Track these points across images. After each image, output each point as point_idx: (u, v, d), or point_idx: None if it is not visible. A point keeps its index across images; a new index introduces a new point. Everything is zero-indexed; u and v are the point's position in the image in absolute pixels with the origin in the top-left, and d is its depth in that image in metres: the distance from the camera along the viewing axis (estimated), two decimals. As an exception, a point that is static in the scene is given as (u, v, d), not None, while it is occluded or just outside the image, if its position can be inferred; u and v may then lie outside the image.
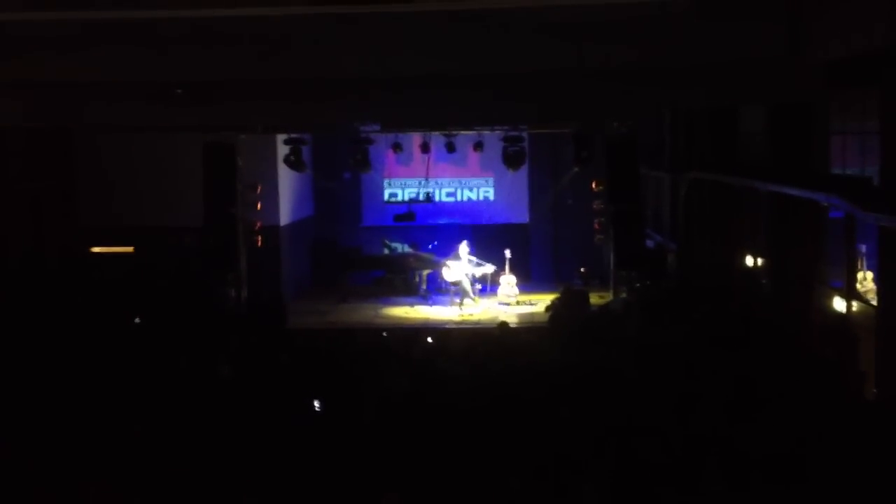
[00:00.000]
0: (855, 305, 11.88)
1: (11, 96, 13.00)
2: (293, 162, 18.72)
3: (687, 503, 7.24)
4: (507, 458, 7.92)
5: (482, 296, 19.84)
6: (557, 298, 18.14)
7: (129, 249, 19.50)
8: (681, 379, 10.01)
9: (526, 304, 19.72)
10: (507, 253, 19.89)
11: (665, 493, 7.27)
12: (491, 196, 23.00)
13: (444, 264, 19.63)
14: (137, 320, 15.26)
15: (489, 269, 19.63)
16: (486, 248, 20.43)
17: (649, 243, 19.37)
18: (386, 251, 22.17)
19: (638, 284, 18.49)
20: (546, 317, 17.64)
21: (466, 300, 19.35)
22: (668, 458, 7.72)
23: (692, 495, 7.26)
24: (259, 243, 18.90)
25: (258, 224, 18.87)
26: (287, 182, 20.39)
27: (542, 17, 10.97)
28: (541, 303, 19.20)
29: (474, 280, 19.69)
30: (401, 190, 22.91)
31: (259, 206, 18.78)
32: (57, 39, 11.57)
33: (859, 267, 12.37)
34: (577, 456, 7.83)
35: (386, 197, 23.01)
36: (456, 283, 19.47)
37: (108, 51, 11.78)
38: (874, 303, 11.29)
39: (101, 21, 10.78)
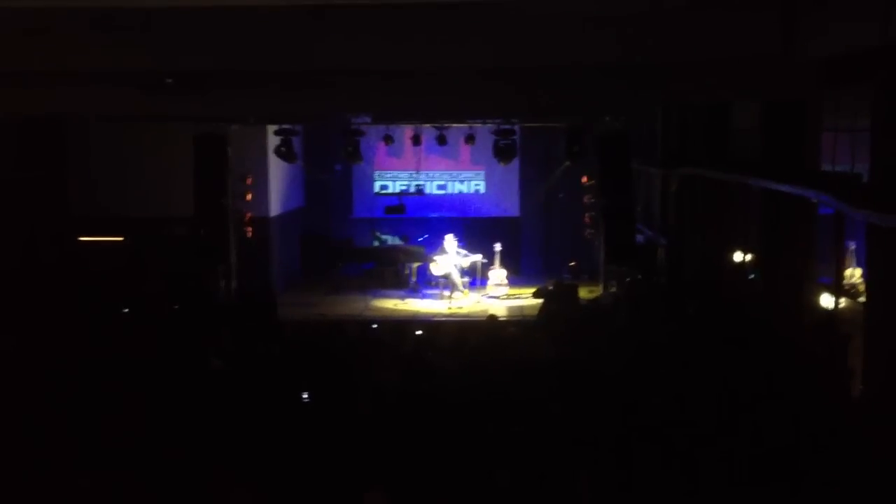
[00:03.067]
0: (843, 302, 11.93)
1: (0, 86, 12.92)
2: (284, 153, 18.66)
3: (680, 498, 7.27)
4: (497, 452, 7.93)
5: (472, 289, 19.86)
6: (547, 291, 18.18)
7: (119, 239, 19.45)
8: (671, 374, 10.04)
9: (515, 297, 19.74)
10: (498, 246, 19.90)
11: (658, 488, 7.29)
12: (482, 189, 22.98)
13: (432, 259, 19.64)
14: (126, 311, 15.23)
15: (477, 257, 19.65)
16: (476, 241, 20.44)
17: (640, 238, 19.40)
18: (376, 243, 22.13)
19: (628, 279, 18.51)
20: (535, 309, 17.67)
21: (456, 293, 19.36)
22: (660, 452, 7.74)
23: (685, 490, 7.28)
24: (249, 234, 18.87)
25: (248, 215, 18.84)
26: (278, 173, 20.34)
27: (534, 11, 10.95)
28: (530, 297, 19.22)
29: (464, 272, 19.71)
30: (392, 182, 22.88)
31: (249, 197, 18.74)
32: (46, 28, 11.51)
33: (848, 264, 12.41)
34: (568, 450, 7.85)
35: (377, 189, 22.98)
36: (445, 277, 19.49)
37: (98, 40, 11.72)
38: (862, 300, 11.33)
39: (92, 9, 10.73)
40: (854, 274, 12.58)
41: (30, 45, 11.79)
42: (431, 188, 22.68)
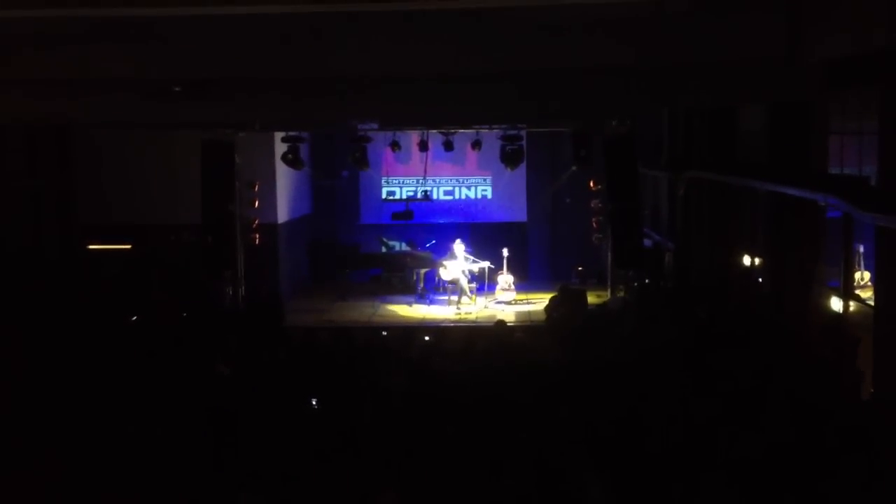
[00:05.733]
0: (852, 305, 11.89)
1: (8, 94, 12.96)
2: (291, 160, 18.72)
3: (687, 500, 7.25)
4: (505, 456, 7.92)
5: (479, 294, 19.85)
6: (555, 298, 18.16)
7: (127, 247, 19.48)
8: (679, 377, 10.02)
9: (523, 302, 19.73)
10: (505, 252, 19.91)
11: (665, 492, 7.28)
12: (489, 195, 23.01)
13: (441, 264, 19.65)
14: (134, 318, 15.25)
15: (485, 265, 19.66)
16: (483, 246, 20.44)
17: (647, 242, 19.38)
18: (384, 249, 22.18)
19: (636, 284, 18.50)
20: (543, 314, 17.65)
21: (464, 299, 19.36)
22: (667, 456, 7.73)
23: (692, 493, 7.27)
24: (257, 241, 18.91)
25: (256, 222, 18.89)
26: (285, 180, 20.39)
27: (541, 16, 10.95)
28: (538, 302, 19.19)
29: (472, 278, 19.70)
30: (399, 188, 22.91)
31: (257, 203, 18.79)
32: (55, 37, 11.55)
33: (857, 267, 12.38)
34: (576, 454, 7.84)
35: (384, 195, 23.00)
36: (453, 282, 19.49)
37: (106, 48, 11.75)
38: (871, 303, 11.30)
39: (100, 18, 10.75)
40: (863, 277, 12.54)
41: (37, 53, 11.83)
42: (438, 194, 22.70)
